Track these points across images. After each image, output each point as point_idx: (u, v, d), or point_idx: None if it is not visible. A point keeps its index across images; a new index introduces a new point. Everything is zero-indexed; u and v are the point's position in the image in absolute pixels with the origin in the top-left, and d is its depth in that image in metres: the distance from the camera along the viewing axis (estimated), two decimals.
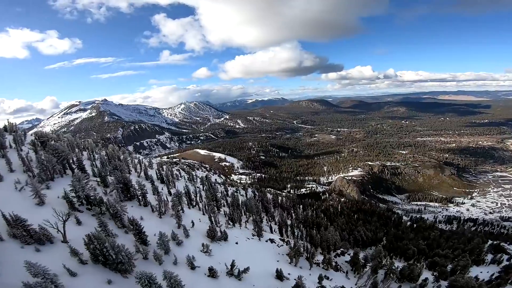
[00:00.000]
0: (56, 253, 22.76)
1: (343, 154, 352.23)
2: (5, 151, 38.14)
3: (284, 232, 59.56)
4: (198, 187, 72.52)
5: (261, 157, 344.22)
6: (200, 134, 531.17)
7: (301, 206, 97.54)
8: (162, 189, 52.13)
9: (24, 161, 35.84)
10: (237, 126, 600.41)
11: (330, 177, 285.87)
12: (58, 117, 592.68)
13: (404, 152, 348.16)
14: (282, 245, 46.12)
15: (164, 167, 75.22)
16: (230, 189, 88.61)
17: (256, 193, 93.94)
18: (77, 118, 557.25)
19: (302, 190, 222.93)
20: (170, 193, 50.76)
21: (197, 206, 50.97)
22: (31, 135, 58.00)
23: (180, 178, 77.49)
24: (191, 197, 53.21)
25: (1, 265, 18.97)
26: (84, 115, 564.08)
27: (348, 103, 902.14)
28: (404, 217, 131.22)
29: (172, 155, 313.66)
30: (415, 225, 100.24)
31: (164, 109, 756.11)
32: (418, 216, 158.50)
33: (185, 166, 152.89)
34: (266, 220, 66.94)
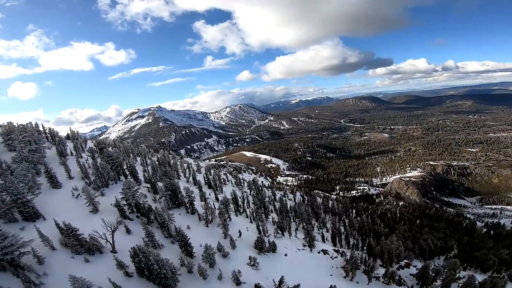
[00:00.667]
0: (104, 264, 22.63)
1: (398, 154, 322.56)
2: (65, 159, 40.83)
3: (337, 241, 54.33)
4: (245, 191, 71.46)
5: (308, 158, 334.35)
6: (246, 136, 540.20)
7: (354, 211, 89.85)
8: (210, 194, 52.07)
9: (81, 168, 37.82)
10: (282, 127, 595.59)
11: (384, 179, 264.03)
12: (122, 124, 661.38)
13: (474, 150, 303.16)
14: (336, 257, 41.56)
15: (212, 171, 76.43)
16: (278, 193, 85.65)
17: (305, 197, 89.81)
18: (137, 125, 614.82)
19: (352, 192, 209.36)
20: (217, 199, 50.41)
21: (244, 213, 49.50)
22: (92, 142, 63.01)
23: (227, 183, 77.25)
24: (238, 204, 51.86)
25: (50, 277, 19.19)
26: (142, 121, 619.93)
27: (401, 98, 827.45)
28: (477, 223, 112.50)
29: (219, 158, 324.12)
30: (492, 231, 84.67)
31: (211, 113, 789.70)
32: (494, 221, 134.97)
33: (232, 169, 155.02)
34: (317, 227, 62.49)
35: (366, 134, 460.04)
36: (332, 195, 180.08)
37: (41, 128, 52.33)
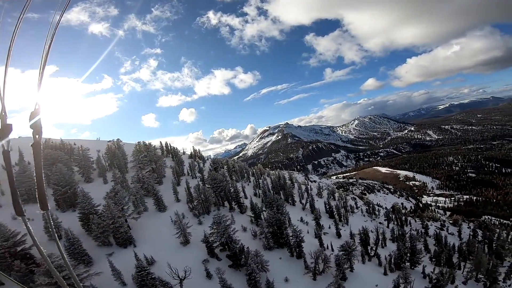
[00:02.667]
0: None
1: None
2: (179, 179, 43.75)
3: None
4: (380, 224, 54.74)
5: (470, 174, 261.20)
6: (379, 150, 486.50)
7: None
8: (330, 227, 44.02)
9: (186, 191, 37.00)
10: (428, 138, 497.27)
11: None
12: (256, 142, 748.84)
13: None
14: None
15: (336, 194, 64.34)
16: (431, 225, 63.38)
17: (477, 231, 61.20)
18: (268, 141, 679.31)
19: None
20: (339, 235, 41.72)
21: (376, 257, 36.52)
22: (209, 160, 65.87)
23: (356, 210, 62.24)
24: (368, 244, 38.54)
25: None
26: (273, 138, 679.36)
27: None
28: None
29: (348, 174, 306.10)
30: None
31: (338, 126, 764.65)
32: None
33: (363, 188, 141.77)
34: (503, 279, 41.61)
35: None
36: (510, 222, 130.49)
37: (162, 146, 58.87)
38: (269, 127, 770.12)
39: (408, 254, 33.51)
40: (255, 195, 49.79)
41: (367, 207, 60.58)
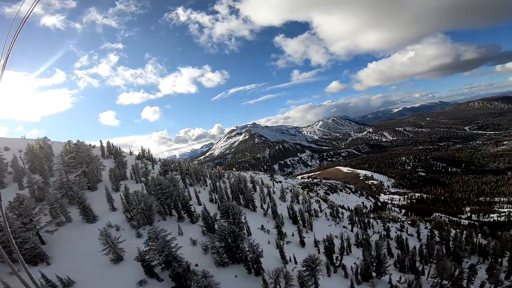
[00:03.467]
0: None
1: None
2: (118, 184, 37.19)
3: None
4: (344, 228, 52.90)
5: (420, 173, 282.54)
6: (341, 151, 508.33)
7: None
8: (293, 234, 39.92)
9: (122, 199, 30.53)
10: (384, 139, 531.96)
11: None
12: (223, 141, 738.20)
13: None
14: None
15: (300, 197, 60.49)
16: (392, 227, 61.88)
17: (434, 232, 63.81)
18: (236, 141, 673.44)
19: (492, 215, 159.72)
20: (303, 243, 37.81)
21: (342, 268, 32.86)
22: (159, 161, 58.38)
23: (320, 214, 58.00)
24: (333, 253, 34.37)
25: None
26: (240, 138, 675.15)
27: None
28: None
29: (313, 174, 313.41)
30: None
31: (304, 127, 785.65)
32: None
33: (326, 188, 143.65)
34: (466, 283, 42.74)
35: (505, 142, 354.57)
36: (461, 219, 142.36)
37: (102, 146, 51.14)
38: (236, 126, 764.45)
39: (375, 264, 31.10)
40: (211, 201, 44.13)
41: (331, 210, 57.96)
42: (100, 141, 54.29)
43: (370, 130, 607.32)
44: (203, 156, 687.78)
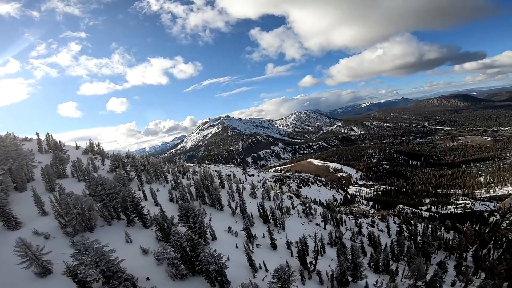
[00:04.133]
0: None
1: (508, 160, 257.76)
2: (53, 184, 31.22)
3: None
4: (317, 225, 50.90)
5: (385, 166, 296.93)
6: (313, 144, 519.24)
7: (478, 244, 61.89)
8: (264, 236, 36.13)
9: (53, 202, 25.17)
10: (352, 133, 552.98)
11: (491, 191, 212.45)
12: (196, 134, 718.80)
13: None
14: None
15: (272, 194, 56.34)
16: (363, 222, 60.86)
17: (402, 227, 62.72)
18: (208, 134, 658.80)
19: (449, 207, 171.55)
20: (274, 246, 34.10)
21: (317, 275, 29.30)
22: (110, 156, 50.98)
23: (292, 211, 54.40)
24: (307, 254, 31.01)
25: None
26: (213, 130, 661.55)
27: (503, 95, 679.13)
28: None
29: (285, 167, 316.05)
30: None
31: (277, 120, 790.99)
32: None
33: (298, 181, 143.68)
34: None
35: (460, 138, 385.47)
36: (422, 211, 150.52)
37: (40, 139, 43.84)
38: (209, 119, 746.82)
39: (351, 269, 28.64)
40: (171, 200, 39.05)
41: (303, 207, 55.12)
42: (37, 134, 46.02)
43: (340, 124, 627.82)
44: (175, 149, 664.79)
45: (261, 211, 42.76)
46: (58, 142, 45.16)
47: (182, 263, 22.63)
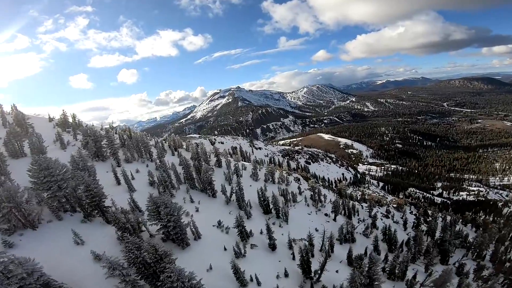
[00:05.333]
0: None
1: None
2: (4, 166, 25.70)
3: None
4: (327, 215, 43.68)
5: (398, 145, 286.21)
6: (324, 118, 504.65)
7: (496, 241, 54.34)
8: (262, 232, 30.00)
9: None
10: (366, 109, 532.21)
11: (506, 178, 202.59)
12: (206, 104, 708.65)
13: None
14: None
15: (276, 174, 47.24)
16: (377, 212, 52.40)
17: (420, 219, 54.26)
18: (218, 104, 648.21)
19: (462, 194, 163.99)
20: (273, 247, 27.57)
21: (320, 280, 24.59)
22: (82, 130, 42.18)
23: (298, 199, 45.10)
24: (310, 266, 24.79)
25: None
26: (223, 101, 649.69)
27: None
28: None
29: (295, 140, 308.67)
30: None
31: (288, 93, 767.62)
32: None
33: (307, 156, 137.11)
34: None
35: (480, 121, 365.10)
36: (434, 196, 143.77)
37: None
38: (220, 90, 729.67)
39: (365, 284, 22.80)
40: (151, 184, 32.36)
41: (312, 193, 47.47)
42: None
43: (353, 100, 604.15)
44: (185, 119, 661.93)
45: (262, 199, 35.94)
46: (21, 113, 38.30)
47: (142, 277, 16.94)
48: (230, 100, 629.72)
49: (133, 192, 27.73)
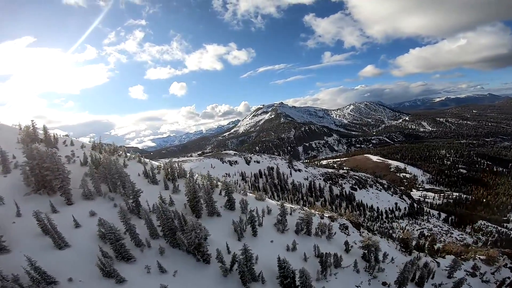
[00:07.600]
0: None
1: None
2: None
3: None
4: (386, 284, 26.43)
5: (461, 170, 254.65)
6: (372, 137, 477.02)
7: None
8: None
9: None
10: (421, 129, 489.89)
11: None
12: (249, 119, 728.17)
13: None
14: None
15: (314, 225, 29.71)
16: (460, 268, 33.35)
17: None
18: (261, 120, 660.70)
19: None
20: None
21: None
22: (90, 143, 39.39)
23: (345, 263, 26.89)
24: None
25: None
26: (266, 116, 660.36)
27: None
28: None
29: (339, 160, 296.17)
30: None
31: (333, 110, 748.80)
32: None
33: (354, 182, 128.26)
34: None
35: None
36: (509, 231, 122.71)
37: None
38: (263, 105, 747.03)
39: None
40: (102, 238, 21.67)
41: (364, 251, 29.17)
42: None
43: (407, 119, 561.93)
44: (228, 133, 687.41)
45: (283, 272, 20.57)
46: None
47: None
48: (272, 116, 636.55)
49: (61, 248, 19.58)
